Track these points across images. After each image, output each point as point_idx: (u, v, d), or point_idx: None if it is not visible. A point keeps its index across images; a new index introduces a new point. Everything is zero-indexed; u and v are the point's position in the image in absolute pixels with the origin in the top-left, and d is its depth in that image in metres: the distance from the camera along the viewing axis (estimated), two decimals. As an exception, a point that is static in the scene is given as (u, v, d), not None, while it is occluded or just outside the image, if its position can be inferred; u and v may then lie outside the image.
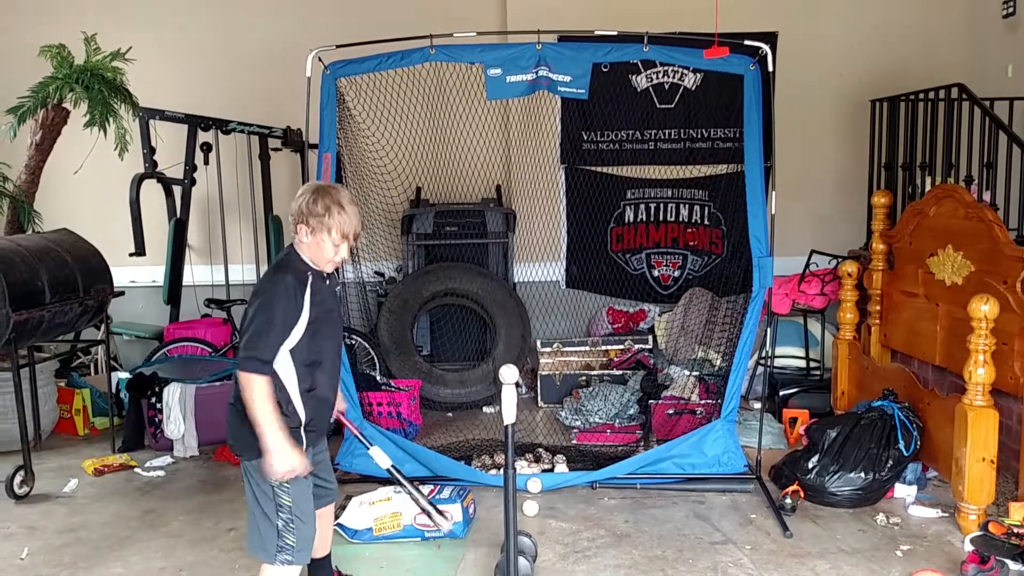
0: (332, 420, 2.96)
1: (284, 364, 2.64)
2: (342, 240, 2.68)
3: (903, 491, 4.15)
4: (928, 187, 5.28)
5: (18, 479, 4.34)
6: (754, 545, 3.68)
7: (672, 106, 6.74)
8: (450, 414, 5.81)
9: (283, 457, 2.57)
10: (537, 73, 4.36)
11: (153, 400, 5.06)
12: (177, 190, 6.13)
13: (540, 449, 4.70)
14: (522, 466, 4.43)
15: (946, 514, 3.95)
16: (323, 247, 2.67)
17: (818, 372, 5.74)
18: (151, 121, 5.73)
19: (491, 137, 5.45)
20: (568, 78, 4.40)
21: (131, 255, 5.72)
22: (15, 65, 6.07)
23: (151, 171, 5.82)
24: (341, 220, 2.65)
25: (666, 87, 6.72)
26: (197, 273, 6.54)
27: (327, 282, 2.78)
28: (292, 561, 2.68)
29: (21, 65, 5.81)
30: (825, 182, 6.89)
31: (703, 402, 5.02)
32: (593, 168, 6.81)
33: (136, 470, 4.76)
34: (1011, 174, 5.13)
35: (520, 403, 5.29)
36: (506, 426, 3.03)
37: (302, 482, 2.70)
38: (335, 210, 2.64)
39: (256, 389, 2.55)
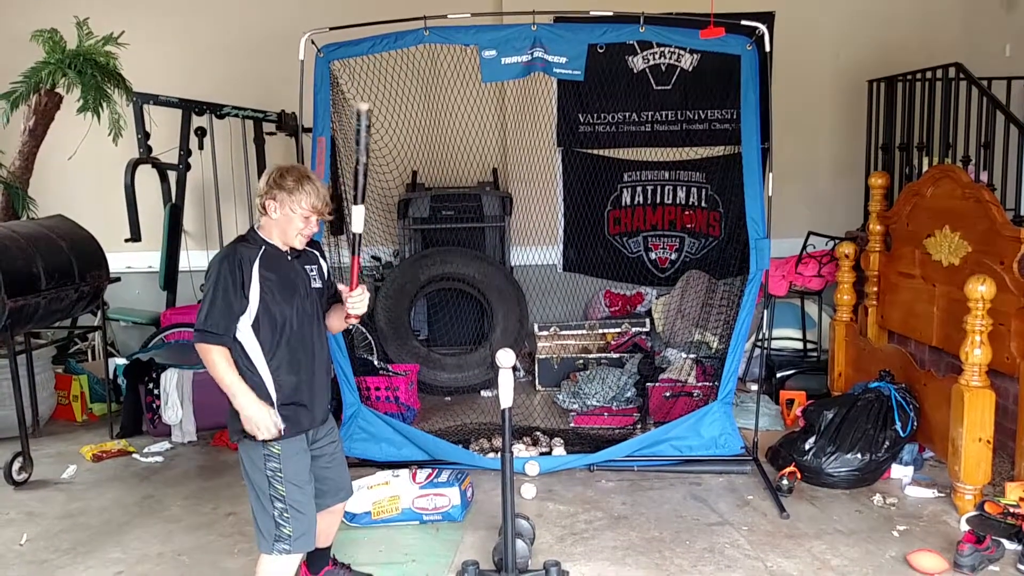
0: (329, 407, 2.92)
1: (247, 339, 2.65)
2: (312, 212, 2.70)
3: (900, 472, 4.16)
4: (925, 168, 5.27)
5: (16, 465, 4.34)
6: (751, 526, 3.69)
7: (669, 87, 6.71)
8: (448, 398, 5.82)
9: (254, 415, 2.59)
10: (532, 55, 4.33)
11: (151, 386, 5.06)
12: (172, 175, 6.10)
13: (538, 432, 4.71)
14: (520, 449, 4.44)
15: (942, 494, 3.96)
16: (293, 220, 2.69)
17: (815, 353, 5.74)
18: (145, 106, 5.69)
19: (487, 120, 5.42)
20: (564, 59, 4.37)
21: (127, 241, 5.70)
22: (7, 50, 6.03)
23: (145, 156, 5.79)
24: (310, 190, 2.69)
25: (663, 68, 6.69)
26: (193, 258, 6.51)
27: (291, 259, 2.75)
28: (290, 551, 2.67)
29: (13, 50, 5.77)
30: (822, 163, 6.88)
31: (700, 384, 5.03)
32: (590, 151, 6.79)
33: (134, 456, 4.77)
34: (1008, 154, 5.12)
35: (517, 387, 5.33)
36: (503, 410, 3.03)
37: (297, 471, 2.69)
38: (304, 183, 2.69)
39: (213, 357, 2.60)
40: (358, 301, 2.80)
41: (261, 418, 2.60)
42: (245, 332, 2.64)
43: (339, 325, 2.92)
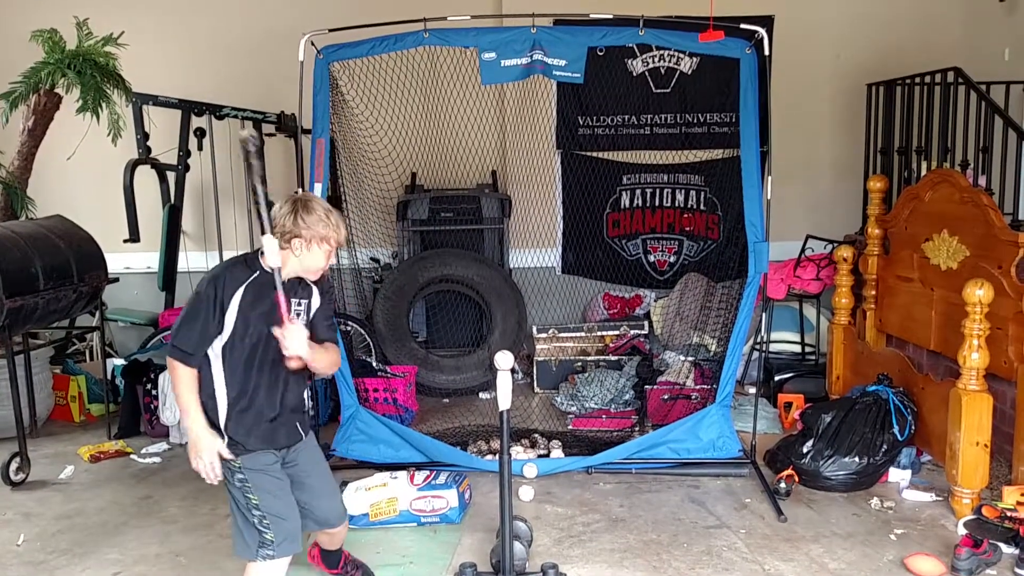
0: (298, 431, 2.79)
1: (215, 360, 2.60)
2: (336, 246, 2.67)
3: (897, 475, 4.16)
4: (924, 172, 5.27)
5: (14, 466, 4.34)
6: (748, 529, 3.70)
7: (668, 90, 6.72)
8: (446, 400, 5.82)
9: (198, 444, 2.56)
10: (532, 57, 4.33)
11: (148, 387, 5.05)
12: (171, 176, 6.10)
13: (536, 434, 4.71)
14: (518, 451, 4.44)
15: (940, 498, 3.96)
16: (318, 257, 2.64)
17: (813, 357, 5.74)
18: (144, 106, 5.70)
19: (486, 122, 5.43)
20: (563, 62, 4.37)
21: (125, 241, 5.70)
22: (7, 50, 6.02)
23: (145, 157, 5.79)
24: (338, 223, 2.65)
25: (662, 71, 6.70)
26: (192, 259, 6.52)
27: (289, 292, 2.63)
28: (274, 555, 2.65)
29: (12, 50, 5.76)
30: (821, 167, 6.89)
31: (698, 387, 5.02)
32: (589, 153, 6.80)
33: (132, 456, 4.76)
34: (1007, 158, 5.12)
35: (516, 389, 5.33)
36: (502, 412, 3.03)
37: (266, 480, 2.65)
38: (332, 216, 2.63)
39: (177, 375, 2.58)
40: (290, 339, 2.53)
41: (204, 447, 2.56)
42: (215, 353, 2.60)
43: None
